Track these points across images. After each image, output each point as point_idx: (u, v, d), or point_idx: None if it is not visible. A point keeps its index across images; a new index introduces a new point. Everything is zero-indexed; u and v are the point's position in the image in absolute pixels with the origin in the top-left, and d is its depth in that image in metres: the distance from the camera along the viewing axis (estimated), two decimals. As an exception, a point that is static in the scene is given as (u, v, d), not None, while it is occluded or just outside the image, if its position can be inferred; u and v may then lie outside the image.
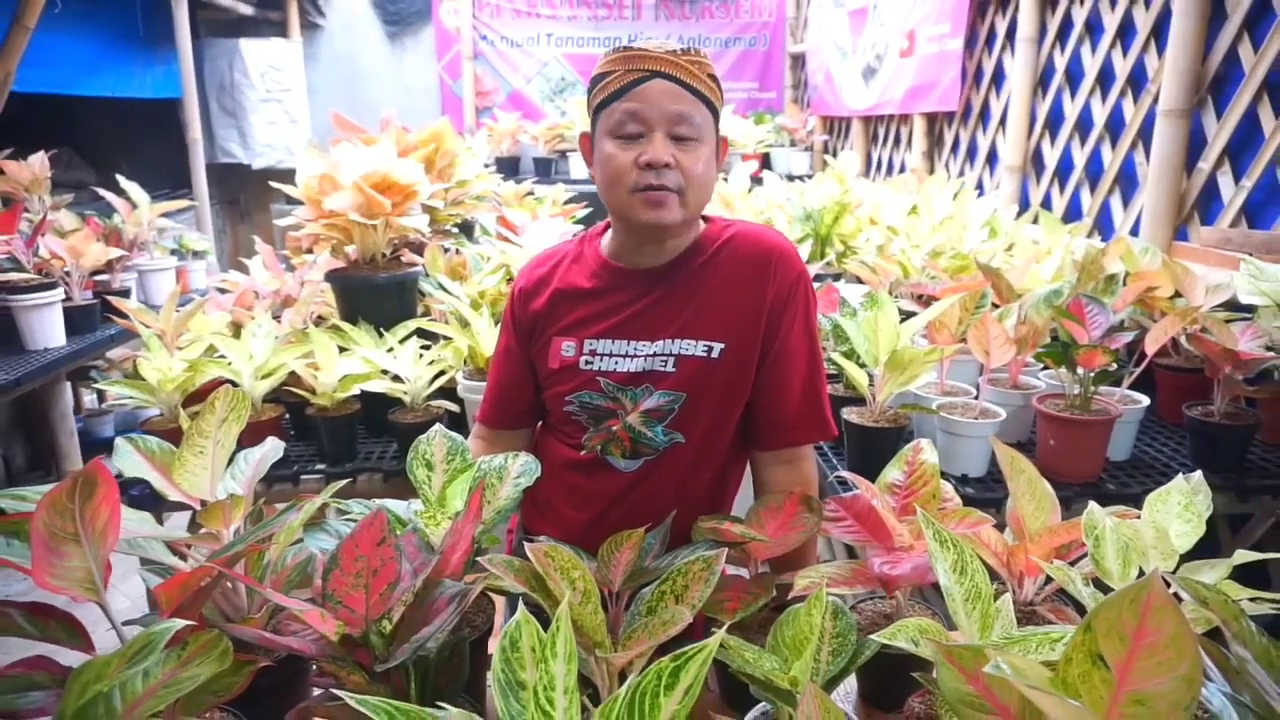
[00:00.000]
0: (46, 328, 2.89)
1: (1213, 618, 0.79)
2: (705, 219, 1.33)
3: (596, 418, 1.31)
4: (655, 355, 1.27)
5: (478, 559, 0.97)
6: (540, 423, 1.45)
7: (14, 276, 2.85)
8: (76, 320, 3.04)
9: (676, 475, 1.31)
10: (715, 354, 1.26)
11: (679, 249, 1.29)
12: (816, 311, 1.34)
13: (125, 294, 3.21)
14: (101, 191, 3.55)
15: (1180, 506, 0.91)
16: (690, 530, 1.16)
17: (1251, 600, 0.83)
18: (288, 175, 3.04)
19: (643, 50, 1.19)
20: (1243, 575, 0.89)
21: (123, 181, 3.52)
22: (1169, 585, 0.79)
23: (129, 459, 1.05)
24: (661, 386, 1.27)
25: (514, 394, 1.40)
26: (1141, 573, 0.90)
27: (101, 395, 4.57)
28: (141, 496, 1.61)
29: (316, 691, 0.98)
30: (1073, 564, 0.98)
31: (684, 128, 1.19)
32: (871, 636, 0.88)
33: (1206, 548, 0.96)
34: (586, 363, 1.30)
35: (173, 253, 3.84)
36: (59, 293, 2.94)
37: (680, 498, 1.29)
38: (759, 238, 1.30)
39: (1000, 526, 1.08)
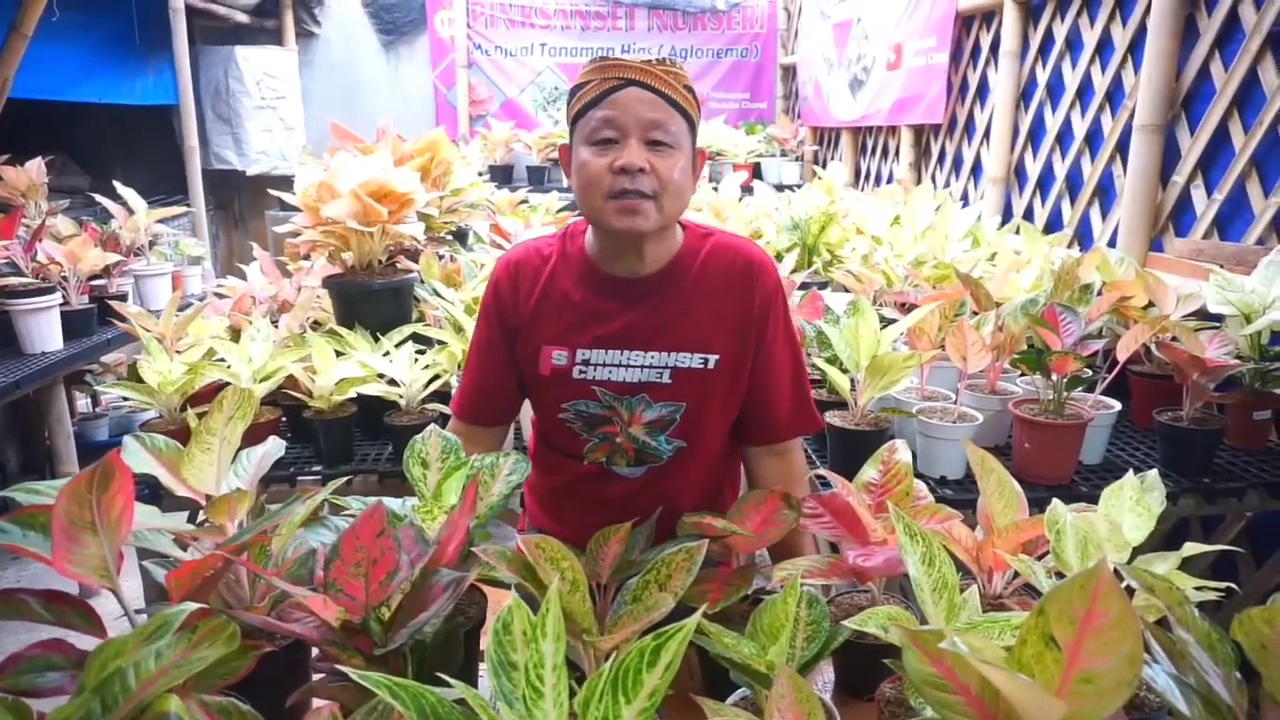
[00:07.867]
0: (44, 331, 2.93)
1: (1162, 606, 0.85)
2: (682, 225, 1.36)
3: (591, 425, 1.34)
4: (650, 367, 1.31)
5: (472, 549, 1.01)
6: (533, 429, 1.47)
7: (12, 281, 2.89)
8: (74, 324, 3.08)
9: (684, 476, 1.36)
10: (711, 365, 1.31)
11: (662, 257, 1.32)
12: (790, 313, 1.39)
13: (122, 299, 3.25)
14: (98, 197, 3.58)
15: (1132, 501, 0.96)
16: None
17: (1197, 589, 0.89)
18: (281, 182, 3.09)
19: (619, 60, 1.23)
20: (1217, 575, 0.93)
21: (120, 187, 3.55)
22: (1120, 575, 0.84)
23: (137, 455, 1.09)
24: (659, 397, 1.31)
25: (495, 391, 1.41)
26: (1099, 565, 0.96)
27: (95, 399, 4.59)
28: (139, 497, 1.65)
29: (316, 677, 1.03)
30: (1039, 559, 1.04)
31: (659, 134, 1.21)
32: (843, 623, 0.93)
33: (1178, 549, 1.00)
34: (580, 372, 1.32)
35: (168, 258, 3.88)
36: (57, 297, 2.98)
37: (689, 495, 1.34)
38: (738, 250, 1.35)
39: (975, 526, 1.14)
